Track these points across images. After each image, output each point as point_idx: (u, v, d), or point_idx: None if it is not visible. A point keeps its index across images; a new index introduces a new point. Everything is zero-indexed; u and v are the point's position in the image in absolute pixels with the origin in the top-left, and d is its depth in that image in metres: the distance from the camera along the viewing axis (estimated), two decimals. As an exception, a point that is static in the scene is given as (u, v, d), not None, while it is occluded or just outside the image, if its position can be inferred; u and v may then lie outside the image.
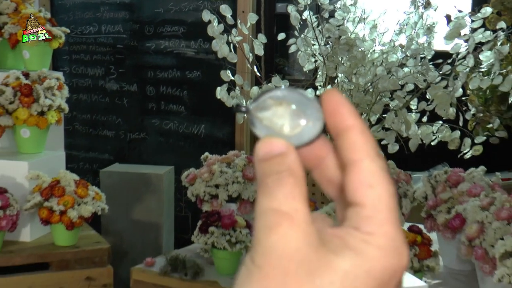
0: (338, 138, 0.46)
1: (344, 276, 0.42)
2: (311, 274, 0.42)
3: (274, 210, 0.43)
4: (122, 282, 2.51)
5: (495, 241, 1.94)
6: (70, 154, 4.18)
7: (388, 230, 0.44)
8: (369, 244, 0.43)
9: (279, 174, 0.44)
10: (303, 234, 0.43)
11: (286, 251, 0.42)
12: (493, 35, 2.65)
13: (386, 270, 0.43)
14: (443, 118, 2.83)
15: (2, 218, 2.37)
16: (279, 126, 0.47)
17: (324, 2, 2.91)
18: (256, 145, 0.45)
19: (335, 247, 0.43)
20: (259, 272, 0.42)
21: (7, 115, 2.62)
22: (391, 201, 0.45)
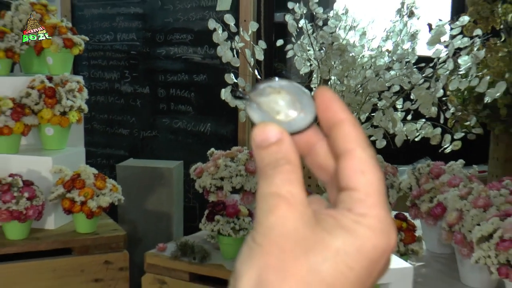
0: (331, 130, 0.48)
1: (336, 253, 0.43)
2: (306, 251, 0.43)
3: (273, 194, 0.45)
4: (136, 266, 2.52)
5: (473, 227, 1.96)
6: (89, 150, 4.18)
7: (378, 213, 0.45)
8: (361, 224, 0.44)
9: (276, 161, 0.46)
10: (299, 215, 0.44)
11: (284, 230, 0.44)
12: (470, 41, 2.67)
13: (376, 249, 0.44)
14: (426, 116, 2.83)
15: (29, 208, 2.39)
16: (276, 112, 0.48)
17: (318, 12, 2.92)
18: (252, 130, 0.47)
19: (329, 227, 0.44)
20: (259, 249, 0.44)
21: (33, 115, 2.64)
22: (380, 186, 0.46)
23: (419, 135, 2.90)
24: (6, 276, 2.36)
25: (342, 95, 2.91)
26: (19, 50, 2.80)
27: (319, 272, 0.43)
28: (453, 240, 2.07)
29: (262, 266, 0.44)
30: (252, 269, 0.44)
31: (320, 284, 0.43)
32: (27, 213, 2.39)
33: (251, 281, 0.44)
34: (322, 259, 0.43)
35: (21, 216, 2.38)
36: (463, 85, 2.75)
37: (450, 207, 2.15)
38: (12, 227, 2.43)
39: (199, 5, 3.96)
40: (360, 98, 2.90)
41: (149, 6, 4.13)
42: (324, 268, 0.43)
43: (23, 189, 2.42)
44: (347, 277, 0.43)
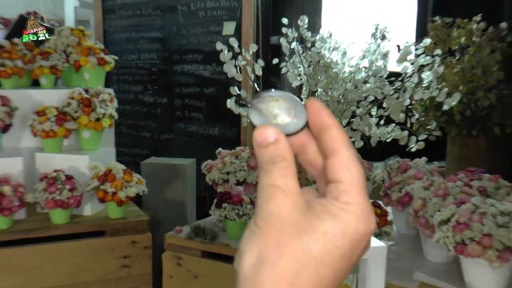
0: (320, 133, 0.49)
1: (324, 234, 0.44)
2: (300, 233, 0.44)
3: (271, 186, 0.46)
4: (158, 245, 2.52)
5: (434, 213, 1.96)
6: (119, 150, 4.13)
7: (360, 201, 0.46)
8: (345, 211, 0.45)
9: (274, 158, 0.47)
10: (294, 203, 0.45)
11: (281, 216, 0.45)
12: (431, 59, 2.67)
13: (358, 232, 0.45)
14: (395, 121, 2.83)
15: (70, 198, 2.39)
16: (274, 116, 0.49)
17: (307, 35, 2.92)
18: (253, 131, 0.48)
19: (319, 213, 0.45)
20: (260, 232, 0.45)
21: (73, 121, 2.64)
22: (362, 180, 0.47)
23: (390, 137, 2.90)
24: (52, 253, 2.37)
25: (327, 104, 2.91)
26: (61, 67, 2.80)
27: (310, 251, 0.43)
28: (418, 223, 2.07)
29: (262, 245, 0.44)
30: (254, 248, 0.44)
31: (311, 261, 0.43)
32: (68, 202, 2.39)
33: (252, 258, 0.44)
34: (313, 240, 0.44)
35: (63, 205, 2.39)
36: (426, 95, 2.75)
37: (415, 196, 2.15)
38: (56, 213, 2.43)
39: (208, 31, 3.95)
40: (342, 106, 2.89)
41: (167, 31, 4.12)
42: (314, 248, 0.44)
43: (65, 182, 2.42)
44: (334, 255, 0.44)
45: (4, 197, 2.33)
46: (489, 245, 1.73)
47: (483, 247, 1.74)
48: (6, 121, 2.53)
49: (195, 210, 3.50)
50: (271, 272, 0.43)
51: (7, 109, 2.54)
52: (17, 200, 2.36)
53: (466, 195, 2.01)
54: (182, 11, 4.05)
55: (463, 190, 2.07)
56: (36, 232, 2.38)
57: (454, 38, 3.14)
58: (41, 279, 2.34)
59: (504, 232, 1.73)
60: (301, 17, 2.86)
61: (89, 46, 2.83)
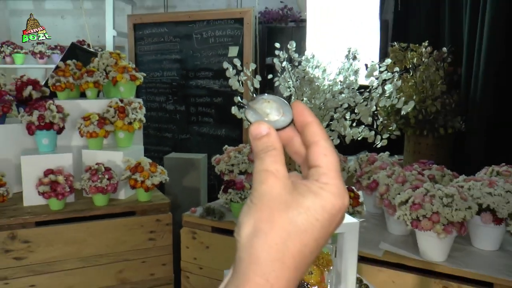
0: (303, 128, 0.48)
1: (307, 209, 0.43)
2: (287, 208, 0.43)
3: (264, 170, 0.45)
4: (177, 222, 2.49)
5: (395, 195, 1.94)
6: (147, 148, 4.11)
7: (336, 182, 0.45)
8: (324, 190, 0.44)
9: (266, 148, 0.45)
10: (282, 184, 0.44)
11: (272, 195, 0.43)
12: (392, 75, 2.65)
13: (334, 207, 0.44)
14: (365, 124, 2.81)
15: (108, 185, 2.36)
16: (266, 114, 0.48)
17: (295, 56, 2.89)
18: (250, 127, 0.47)
19: (303, 191, 0.44)
20: (255, 207, 0.43)
21: (111, 124, 2.60)
22: (337, 165, 0.46)
23: (361, 136, 2.87)
24: (95, 229, 2.34)
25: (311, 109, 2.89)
26: (102, 82, 2.77)
27: (295, 222, 0.42)
28: (383, 204, 2.05)
29: (257, 218, 0.43)
30: (250, 220, 0.43)
31: (296, 231, 0.42)
32: (107, 188, 2.36)
33: (249, 228, 0.43)
34: (297, 213, 0.43)
35: (103, 190, 2.36)
36: (388, 103, 2.73)
37: (381, 183, 2.13)
38: (98, 197, 2.40)
39: (217, 53, 3.93)
40: (323, 112, 2.87)
41: (184, 54, 4.08)
42: (299, 220, 0.43)
43: (104, 173, 2.39)
44: (315, 225, 0.43)
45: (58, 184, 2.30)
46: (437, 220, 1.71)
47: (433, 222, 1.72)
48: (60, 124, 2.50)
49: (207, 195, 3.48)
50: (264, 240, 0.42)
51: (61, 115, 2.51)
52: (68, 187, 2.33)
53: (419, 182, 1.99)
54: (196, 38, 4.02)
55: (417, 177, 2.05)
56: (82, 212, 2.35)
57: (408, 58, 3.12)
58: (86, 249, 2.32)
59: (448, 210, 1.71)
60: (290, 42, 2.83)
61: (124, 66, 2.80)
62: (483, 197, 1.83)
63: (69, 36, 4.97)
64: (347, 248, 1.35)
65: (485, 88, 2.81)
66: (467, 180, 1.98)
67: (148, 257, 2.42)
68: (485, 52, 2.76)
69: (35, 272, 2.23)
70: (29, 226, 2.22)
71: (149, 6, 5.01)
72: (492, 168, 2.17)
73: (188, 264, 2.34)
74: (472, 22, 2.91)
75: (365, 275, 1.85)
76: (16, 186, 2.52)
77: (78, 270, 2.30)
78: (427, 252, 1.81)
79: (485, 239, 1.90)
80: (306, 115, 0.48)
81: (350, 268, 1.35)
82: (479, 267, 1.75)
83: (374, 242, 1.99)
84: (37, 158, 2.40)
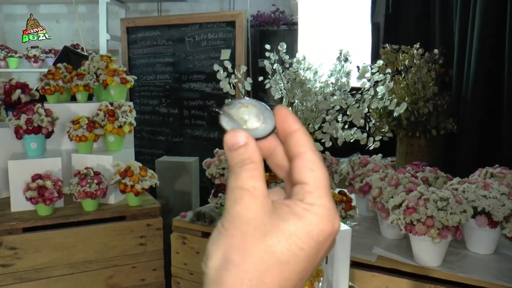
0: (287, 137, 0.40)
1: (289, 236, 0.35)
2: (264, 235, 0.35)
3: (238, 188, 0.37)
4: (167, 227, 2.39)
5: (388, 199, 1.86)
6: (140, 151, 4.05)
7: (324, 202, 0.37)
8: (310, 212, 0.36)
9: (243, 161, 0.37)
10: (260, 205, 0.36)
11: (246, 218, 0.35)
12: (384, 76, 2.57)
13: (322, 233, 0.36)
14: (357, 126, 2.74)
15: (98, 190, 2.26)
16: (244, 121, 0.40)
17: (286, 58, 2.82)
18: (224, 136, 0.39)
19: (284, 214, 0.36)
20: (225, 233, 0.36)
21: (100, 128, 2.51)
22: (326, 181, 0.38)
23: (353, 138, 2.80)
24: (84, 234, 2.25)
25: (303, 112, 2.81)
26: (92, 85, 2.68)
27: (274, 252, 0.35)
28: (376, 207, 1.96)
29: (228, 246, 0.35)
30: (220, 249, 0.36)
31: (275, 262, 0.34)
32: (96, 193, 2.26)
33: (218, 260, 0.35)
34: (277, 241, 0.35)
35: (92, 195, 2.25)
36: (380, 105, 2.66)
37: (373, 186, 2.04)
38: (87, 202, 2.30)
39: (209, 56, 3.84)
40: (314, 114, 2.80)
41: (177, 58, 3.99)
42: (278, 249, 0.35)
43: (93, 177, 2.28)
44: (298, 256, 0.35)
45: (46, 189, 2.20)
46: (432, 225, 1.63)
47: (427, 226, 1.63)
48: (49, 128, 2.40)
49: (199, 198, 3.38)
50: (236, 273, 0.34)
51: (50, 119, 2.41)
52: (56, 192, 2.23)
53: (413, 184, 1.90)
54: (189, 42, 3.93)
55: (410, 180, 1.96)
56: (71, 218, 2.25)
57: (400, 60, 3.04)
58: (75, 255, 2.22)
59: (443, 214, 1.62)
60: (281, 43, 2.75)
61: (114, 69, 2.70)
62: (478, 200, 1.75)
63: (64, 40, 4.87)
64: (339, 256, 1.26)
65: (475, 89, 2.73)
66: (462, 182, 1.89)
67: (139, 262, 2.32)
68: (476, 53, 2.69)
69: (22, 279, 2.12)
70: (16, 232, 2.12)
71: (143, 10, 4.92)
72: (486, 170, 2.08)
73: (178, 270, 2.23)
74: (463, 24, 2.84)
75: (358, 281, 1.76)
76: (5, 191, 2.42)
77: (67, 276, 2.20)
78: (421, 257, 1.72)
79: (480, 243, 1.82)
80: (290, 122, 0.40)
81: (342, 276, 1.26)
82: (474, 271, 1.66)
83: (367, 246, 1.89)
84: (25, 163, 2.29)
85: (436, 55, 3.02)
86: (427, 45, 3.16)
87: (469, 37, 2.76)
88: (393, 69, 3.05)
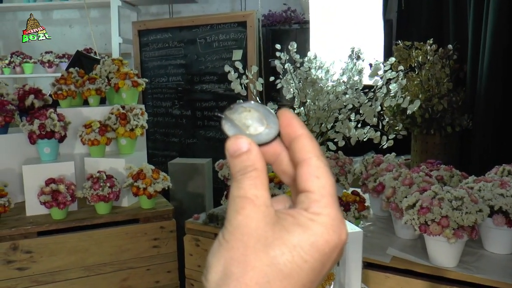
0: (292, 142, 0.38)
1: (293, 248, 0.33)
2: (266, 246, 0.34)
3: (240, 197, 0.35)
4: (181, 229, 2.38)
5: (402, 199, 1.83)
6: (154, 153, 4.09)
7: (330, 212, 0.35)
8: (315, 222, 0.35)
9: (245, 168, 0.36)
10: (262, 215, 0.34)
11: (247, 229, 0.34)
12: (396, 74, 2.54)
13: (328, 244, 0.35)
14: (370, 124, 2.71)
15: (110, 193, 2.28)
16: (246, 126, 0.39)
17: (296, 58, 2.80)
18: (226, 142, 0.38)
19: (288, 224, 0.35)
20: (226, 244, 0.35)
21: (112, 131, 2.52)
22: (332, 189, 0.36)
23: (366, 137, 2.77)
24: (98, 238, 2.26)
25: (315, 112, 2.79)
26: (104, 89, 2.69)
27: (277, 265, 0.33)
28: (390, 207, 1.93)
29: (228, 259, 0.34)
30: (219, 262, 0.34)
31: (277, 275, 0.33)
32: (109, 196, 2.27)
33: (218, 273, 0.34)
34: (280, 253, 0.33)
35: (105, 199, 2.27)
36: (393, 103, 2.63)
37: (387, 185, 2.01)
38: (100, 206, 2.32)
39: (221, 57, 3.84)
40: (327, 113, 2.77)
41: (189, 59, 4.00)
42: (281, 261, 0.33)
43: (106, 180, 2.30)
44: (302, 268, 0.33)
45: (60, 193, 2.22)
46: (447, 225, 1.60)
47: (442, 226, 1.60)
48: (62, 133, 2.42)
49: (213, 199, 3.38)
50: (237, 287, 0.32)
51: (63, 124, 2.44)
52: (70, 196, 2.25)
53: (427, 184, 1.87)
54: (200, 43, 3.94)
55: (424, 179, 1.93)
56: (85, 221, 2.27)
57: (413, 57, 3.00)
58: (89, 258, 2.23)
59: (458, 213, 1.59)
60: (291, 43, 2.74)
61: (126, 72, 2.71)
62: (495, 198, 1.71)
63: (77, 44, 4.92)
64: (351, 258, 1.24)
65: (489, 85, 2.68)
66: (477, 180, 1.85)
67: (153, 265, 2.33)
68: (489, 48, 2.64)
69: (38, 283, 2.14)
70: (31, 236, 2.14)
71: (154, 12, 4.95)
72: (503, 167, 2.03)
73: (192, 272, 2.24)
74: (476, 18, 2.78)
75: (372, 282, 1.73)
76: (20, 196, 2.45)
77: (82, 279, 2.21)
78: (436, 258, 1.69)
79: (497, 242, 1.78)
80: (295, 127, 0.38)
81: (354, 279, 1.24)
82: (492, 272, 1.63)
83: (381, 247, 1.87)
84: (38, 167, 2.32)
85: (450, 51, 2.97)
86: (441, 41, 3.11)
87: (483, 32, 2.71)
88: (406, 66, 3.01)
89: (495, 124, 2.71)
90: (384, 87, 2.66)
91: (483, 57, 2.71)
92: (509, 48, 2.60)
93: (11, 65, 4.72)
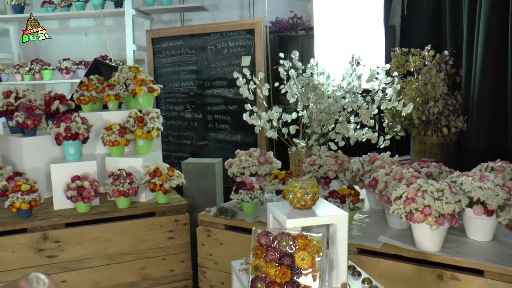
0: None
1: None
2: None
3: None
4: (194, 222, 2.60)
5: (392, 192, 2.05)
6: (168, 154, 4.33)
7: None
8: None
9: None
10: None
11: None
12: (391, 79, 2.75)
13: None
14: (367, 126, 2.92)
15: (130, 189, 2.52)
16: None
17: (299, 65, 3.02)
18: None
19: None
20: None
21: (131, 133, 2.76)
22: None
23: (364, 137, 2.99)
24: (118, 229, 2.50)
25: (316, 114, 3.00)
26: (122, 94, 2.94)
27: None
28: (382, 200, 2.16)
29: None
30: None
31: None
32: (128, 191, 2.52)
33: None
34: None
35: (125, 194, 2.52)
36: (389, 106, 2.83)
37: (380, 180, 2.24)
38: (120, 200, 2.57)
39: (230, 63, 4.08)
40: (327, 116, 2.99)
41: (200, 65, 4.25)
42: None
43: (126, 178, 2.56)
44: None
45: (84, 189, 2.48)
46: (429, 213, 1.82)
47: (425, 215, 1.83)
48: (85, 135, 2.68)
49: (223, 196, 3.59)
50: None
51: (86, 126, 2.68)
52: (93, 191, 2.51)
53: (415, 178, 2.10)
54: (211, 50, 4.18)
55: (413, 175, 2.15)
56: (107, 214, 2.52)
57: (411, 62, 3.21)
58: (111, 248, 2.49)
59: (439, 203, 1.82)
60: (293, 51, 2.96)
61: (142, 79, 2.96)
62: (474, 190, 1.93)
63: (92, 51, 5.22)
64: (338, 238, 1.48)
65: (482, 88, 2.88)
66: (460, 175, 2.08)
67: (168, 255, 2.58)
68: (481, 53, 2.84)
69: (65, 269, 2.41)
70: (59, 227, 2.41)
71: (166, 20, 5.21)
72: (488, 164, 2.26)
73: (204, 260, 2.48)
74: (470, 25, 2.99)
75: (365, 266, 1.95)
76: (47, 192, 2.72)
77: (104, 267, 2.47)
78: (422, 243, 1.91)
79: (478, 230, 2.00)
80: None
81: (341, 255, 1.48)
82: (471, 256, 1.84)
83: (374, 235, 2.10)
84: (65, 166, 2.59)
85: (446, 56, 3.19)
86: (439, 47, 3.32)
87: (476, 38, 2.92)
88: (404, 71, 3.22)
89: (487, 126, 2.91)
90: (380, 91, 2.88)
91: (476, 61, 2.92)
92: (499, 53, 2.80)
93: (31, 72, 5.02)
